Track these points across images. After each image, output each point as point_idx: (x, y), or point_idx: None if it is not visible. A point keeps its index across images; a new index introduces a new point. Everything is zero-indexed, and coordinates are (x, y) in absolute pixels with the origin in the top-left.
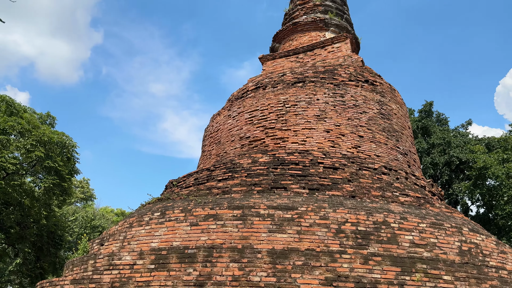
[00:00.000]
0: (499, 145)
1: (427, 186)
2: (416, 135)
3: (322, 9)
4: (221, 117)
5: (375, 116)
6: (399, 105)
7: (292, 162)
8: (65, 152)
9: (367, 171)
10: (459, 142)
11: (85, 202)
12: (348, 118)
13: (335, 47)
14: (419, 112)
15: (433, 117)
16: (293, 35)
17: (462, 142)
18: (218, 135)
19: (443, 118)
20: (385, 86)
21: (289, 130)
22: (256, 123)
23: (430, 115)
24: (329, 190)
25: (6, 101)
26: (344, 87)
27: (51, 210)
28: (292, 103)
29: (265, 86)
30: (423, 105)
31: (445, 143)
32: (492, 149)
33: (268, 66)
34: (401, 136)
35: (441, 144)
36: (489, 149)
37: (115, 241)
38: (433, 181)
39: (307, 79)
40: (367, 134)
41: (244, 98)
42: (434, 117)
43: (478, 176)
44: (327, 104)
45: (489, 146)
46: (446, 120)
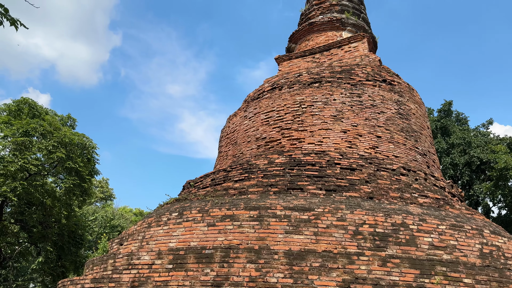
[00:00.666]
0: None
1: (447, 187)
2: (435, 135)
3: (338, 9)
4: (237, 118)
5: (393, 116)
6: (418, 105)
7: (308, 163)
8: (85, 153)
9: (385, 172)
10: (479, 142)
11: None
12: (366, 118)
13: (352, 47)
14: (438, 111)
15: (453, 117)
16: (310, 35)
17: (482, 142)
18: (235, 136)
19: (462, 118)
20: (403, 86)
21: (305, 130)
22: (272, 123)
23: (449, 115)
24: (346, 191)
25: (29, 104)
26: (362, 87)
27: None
28: (308, 103)
29: (281, 87)
30: (442, 104)
31: (465, 143)
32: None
33: (284, 66)
34: (419, 136)
35: (461, 144)
36: (511, 149)
37: (134, 241)
38: (453, 182)
39: (323, 79)
40: (385, 135)
41: (260, 99)
42: (453, 116)
43: (499, 176)
44: (344, 104)
45: (510, 146)
46: (466, 120)
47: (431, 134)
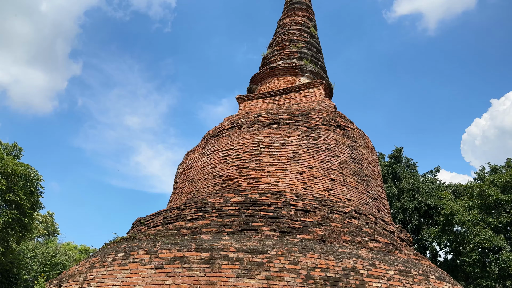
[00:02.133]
0: (465, 192)
1: (396, 232)
2: (387, 179)
3: (298, 56)
4: (195, 155)
5: (346, 160)
6: (369, 151)
7: (264, 203)
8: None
9: (338, 214)
10: (427, 188)
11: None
12: (321, 161)
13: (310, 92)
14: (389, 157)
15: (403, 163)
16: (270, 78)
17: (430, 188)
18: (191, 173)
19: (412, 164)
20: (356, 132)
21: (262, 170)
22: (230, 162)
23: (400, 161)
24: (300, 234)
25: None
26: (317, 131)
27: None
28: (266, 143)
29: (240, 126)
30: (393, 150)
31: (414, 189)
32: (459, 195)
33: (245, 106)
34: (371, 181)
35: (411, 189)
36: (456, 195)
37: (74, 283)
38: (403, 226)
39: (282, 121)
40: (339, 178)
41: (220, 137)
42: (403, 162)
43: (445, 222)
44: (301, 146)
45: (455, 193)
46: (415, 166)
47: (381, 179)
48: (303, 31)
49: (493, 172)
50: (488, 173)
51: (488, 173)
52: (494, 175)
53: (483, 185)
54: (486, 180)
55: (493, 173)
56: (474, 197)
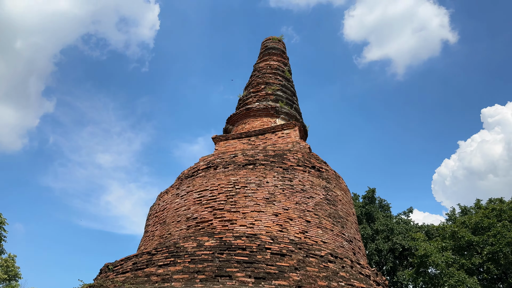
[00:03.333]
0: (437, 233)
1: (372, 275)
2: (361, 220)
3: (273, 98)
4: (168, 196)
5: (322, 202)
6: (344, 192)
7: (239, 247)
8: None
9: (314, 258)
10: (401, 229)
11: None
12: (296, 203)
13: (285, 133)
14: (363, 198)
15: (376, 204)
16: (246, 119)
17: (404, 229)
18: (164, 215)
19: (385, 205)
20: (331, 173)
21: (238, 212)
22: (205, 203)
23: (373, 202)
24: (276, 279)
25: None
26: (293, 172)
27: None
28: (242, 184)
29: (216, 166)
30: (366, 191)
31: (388, 230)
32: (432, 236)
33: (221, 146)
34: (346, 223)
35: (385, 230)
36: (429, 237)
37: None
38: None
39: (257, 161)
40: (314, 220)
41: (195, 177)
42: (377, 203)
43: (420, 263)
44: (276, 187)
45: (428, 234)
46: (388, 207)
47: (356, 221)
48: (278, 75)
49: (464, 213)
50: (458, 214)
51: (459, 214)
52: (465, 217)
53: (455, 226)
54: (457, 221)
55: (464, 214)
56: (446, 238)
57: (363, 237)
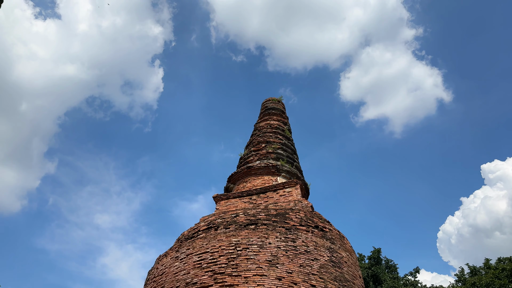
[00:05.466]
0: None
1: None
2: (368, 283)
3: (274, 156)
4: (167, 259)
5: (326, 264)
6: (349, 253)
7: None
8: None
9: None
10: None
11: None
12: (300, 265)
13: (286, 191)
14: (369, 258)
15: (383, 264)
16: (247, 178)
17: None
18: (162, 280)
19: (392, 265)
20: (334, 233)
21: (239, 276)
22: (205, 267)
23: (379, 262)
24: None
25: None
26: (296, 232)
27: None
28: (244, 246)
29: (217, 227)
30: (372, 252)
31: None
32: None
33: (222, 205)
34: (352, 286)
35: None
36: None
37: None
38: None
39: (259, 221)
40: (320, 284)
41: (195, 239)
42: (383, 264)
43: None
44: (279, 248)
45: None
46: (395, 267)
47: (363, 283)
48: (278, 134)
49: (473, 274)
50: (468, 274)
51: (468, 275)
52: (475, 277)
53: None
54: (467, 283)
55: (473, 274)
56: None
57: None
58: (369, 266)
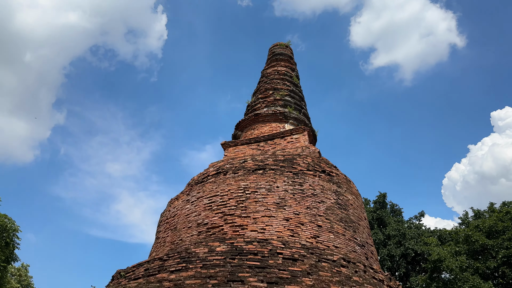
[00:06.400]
0: (450, 237)
1: (385, 280)
2: (373, 225)
3: (282, 103)
4: (179, 202)
5: (333, 206)
6: (355, 196)
7: (250, 252)
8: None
9: (326, 263)
10: (413, 234)
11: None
12: (307, 207)
13: (294, 138)
14: (374, 203)
15: (388, 208)
16: (255, 125)
17: (416, 234)
18: (175, 221)
19: (397, 209)
20: (341, 177)
21: (248, 217)
22: (215, 209)
23: (384, 206)
24: (288, 284)
25: None
26: (303, 176)
27: None
28: (252, 189)
29: (226, 172)
30: (377, 196)
31: (400, 235)
32: (445, 241)
33: (230, 152)
34: (358, 227)
35: (397, 235)
36: (442, 241)
37: None
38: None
39: (267, 166)
40: (326, 224)
41: (204, 183)
42: (388, 208)
43: (433, 269)
44: (287, 192)
45: (441, 239)
46: (400, 211)
47: (368, 225)
48: (286, 80)
49: (477, 217)
50: (471, 218)
51: (472, 218)
52: (479, 220)
53: (468, 230)
54: (471, 225)
55: (477, 218)
56: (460, 243)
57: (375, 243)
58: (374, 210)
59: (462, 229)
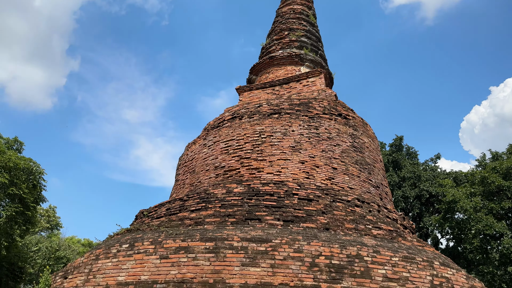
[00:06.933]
0: (466, 179)
1: (399, 219)
2: (388, 168)
3: (297, 45)
4: (196, 146)
5: (348, 149)
6: (371, 139)
7: (267, 193)
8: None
9: (341, 203)
10: (428, 175)
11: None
12: (322, 150)
13: (310, 81)
14: (390, 146)
15: (403, 151)
16: (270, 68)
17: (431, 176)
18: (193, 164)
19: (412, 152)
20: (358, 120)
21: (264, 160)
22: (231, 152)
23: (400, 149)
24: (304, 222)
25: None
26: (319, 120)
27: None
28: (268, 133)
29: (241, 116)
30: (394, 139)
31: (415, 177)
32: (460, 183)
33: (245, 97)
34: (373, 169)
35: (412, 177)
36: (457, 183)
37: (80, 274)
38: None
39: (282, 110)
40: (341, 166)
41: (220, 128)
42: (404, 151)
43: (447, 209)
44: (302, 135)
45: (456, 180)
46: (415, 154)
47: (383, 167)
48: (302, 20)
49: (495, 159)
50: (489, 160)
51: (490, 160)
52: (496, 162)
53: (485, 172)
54: (488, 167)
55: (495, 160)
56: (475, 184)
57: (390, 185)
58: (390, 153)
59: (478, 171)
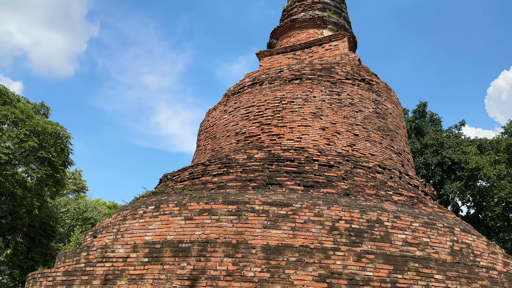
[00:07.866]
0: (491, 147)
1: (420, 186)
2: (410, 135)
3: (320, 7)
4: (217, 112)
5: (371, 115)
6: (395, 105)
7: (287, 158)
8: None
9: (362, 169)
10: (451, 143)
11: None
12: (344, 117)
13: (333, 45)
14: (413, 112)
15: (427, 118)
16: (291, 32)
17: (454, 143)
18: (214, 130)
19: (436, 119)
20: (381, 86)
21: (285, 126)
22: (252, 119)
23: (424, 116)
24: (324, 188)
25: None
26: (341, 85)
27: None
28: (288, 99)
29: (262, 82)
30: (417, 105)
31: (438, 144)
32: (484, 150)
33: (265, 62)
34: (395, 136)
35: (434, 144)
36: (481, 150)
37: (109, 234)
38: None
39: (304, 76)
40: (362, 133)
41: (241, 94)
42: (427, 117)
43: (469, 177)
44: (324, 101)
45: (480, 148)
46: (439, 121)
47: (406, 134)
48: None
49: None
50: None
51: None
52: None
53: (511, 139)
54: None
55: None
56: (500, 152)
57: (411, 152)
58: (413, 120)
59: (504, 138)
